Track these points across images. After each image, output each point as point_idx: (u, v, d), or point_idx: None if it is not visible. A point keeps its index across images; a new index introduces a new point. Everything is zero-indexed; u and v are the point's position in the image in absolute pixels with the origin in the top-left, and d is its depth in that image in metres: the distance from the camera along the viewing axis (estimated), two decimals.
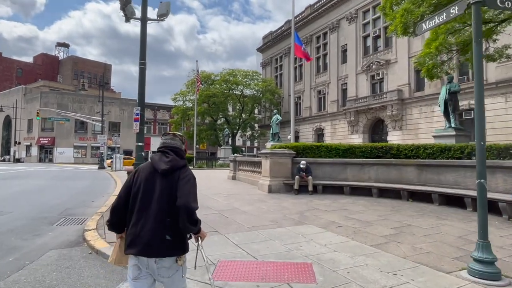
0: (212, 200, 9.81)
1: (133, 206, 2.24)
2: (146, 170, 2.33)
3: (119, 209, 2.29)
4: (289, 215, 7.49)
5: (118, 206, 2.30)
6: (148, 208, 2.18)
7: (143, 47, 10.09)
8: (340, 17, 35.22)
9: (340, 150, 11.79)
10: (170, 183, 2.22)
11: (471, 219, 7.00)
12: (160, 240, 2.12)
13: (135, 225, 2.17)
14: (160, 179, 2.24)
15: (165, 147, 2.39)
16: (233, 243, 5.16)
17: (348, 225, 6.43)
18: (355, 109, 31.79)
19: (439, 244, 5.14)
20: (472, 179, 8.53)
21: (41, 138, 50.30)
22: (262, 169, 12.31)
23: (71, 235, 5.93)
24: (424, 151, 10.05)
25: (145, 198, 2.22)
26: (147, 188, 2.24)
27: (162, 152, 2.37)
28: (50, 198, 10.45)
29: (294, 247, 4.98)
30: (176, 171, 2.26)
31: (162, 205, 2.17)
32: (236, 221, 6.76)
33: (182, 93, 45.17)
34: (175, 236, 2.16)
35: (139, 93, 10.10)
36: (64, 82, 75.93)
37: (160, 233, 2.13)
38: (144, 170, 2.34)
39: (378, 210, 8.06)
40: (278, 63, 46.85)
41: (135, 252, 2.14)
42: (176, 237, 2.17)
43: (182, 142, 2.49)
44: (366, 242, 5.26)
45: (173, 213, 2.15)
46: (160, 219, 2.15)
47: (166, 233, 2.14)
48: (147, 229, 2.13)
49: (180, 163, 2.31)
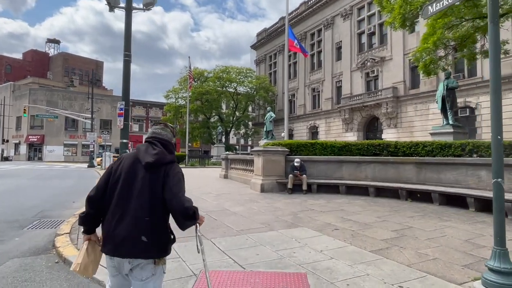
0: (201, 200, 9.28)
1: (110, 198, 2.02)
2: (129, 159, 2.10)
3: (96, 200, 2.04)
4: (281, 216, 6.99)
5: (96, 196, 2.05)
6: (126, 204, 1.97)
7: (128, 38, 9.49)
8: (335, 13, 34.81)
9: (335, 147, 11.33)
10: (154, 179, 2.00)
11: (475, 220, 6.59)
12: (135, 240, 1.91)
13: (110, 221, 1.97)
14: (143, 172, 2.02)
15: (153, 138, 2.17)
16: (219, 250, 4.65)
17: (345, 228, 5.95)
18: (349, 107, 31.44)
19: (445, 249, 4.69)
20: (473, 177, 8.14)
21: (30, 136, 49.20)
22: (255, 167, 11.81)
23: (41, 241, 5.36)
24: (423, 149, 9.63)
25: (124, 192, 2.00)
26: (127, 181, 2.02)
27: (150, 142, 2.15)
28: (28, 199, 9.81)
29: (287, 253, 4.49)
30: (162, 166, 2.04)
31: (142, 202, 1.95)
32: (224, 224, 6.25)
33: (175, 90, 44.45)
34: (152, 238, 1.94)
35: (123, 87, 9.52)
36: (55, 79, 74.45)
37: (135, 232, 1.92)
38: (127, 160, 2.11)
39: (376, 211, 7.61)
40: (272, 60, 46.34)
41: (107, 251, 1.97)
42: (154, 239, 1.95)
43: (173, 135, 2.30)
44: (366, 247, 4.79)
45: (153, 212, 1.96)
46: (137, 217, 1.93)
47: (143, 233, 1.92)
48: (122, 227, 1.93)
49: (167, 158, 2.08)
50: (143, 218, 1.94)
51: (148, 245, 1.93)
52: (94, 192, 2.08)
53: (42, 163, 41.87)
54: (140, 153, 2.10)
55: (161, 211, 2.00)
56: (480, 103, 22.03)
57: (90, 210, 2.06)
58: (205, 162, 34.16)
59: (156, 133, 2.21)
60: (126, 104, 9.41)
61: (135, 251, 1.92)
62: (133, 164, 2.07)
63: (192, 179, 16.66)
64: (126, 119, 9.35)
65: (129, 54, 9.43)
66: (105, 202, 2.04)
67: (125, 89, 9.44)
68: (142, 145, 2.18)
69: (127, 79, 9.45)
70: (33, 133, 49.44)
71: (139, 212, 1.95)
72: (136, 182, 2.01)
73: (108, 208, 2.02)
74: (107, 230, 1.98)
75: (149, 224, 1.94)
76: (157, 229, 1.97)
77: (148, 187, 1.99)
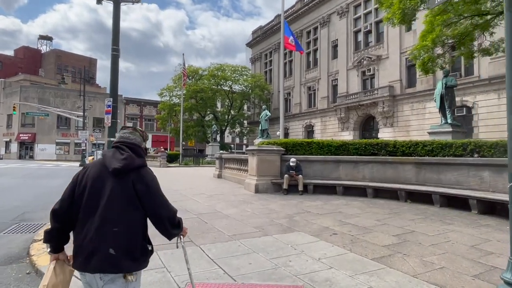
0: (192, 201, 8.89)
1: (77, 210, 1.89)
2: (95, 167, 1.97)
3: (62, 214, 1.90)
4: (276, 219, 6.64)
5: (61, 209, 1.90)
6: (93, 214, 1.84)
7: (116, 31, 9.07)
8: (331, 11, 34.50)
9: (332, 147, 10.99)
10: (122, 186, 1.88)
11: (479, 224, 6.29)
12: (102, 253, 1.78)
13: (79, 234, 1.85)
14: (111, 180, 1.89)
15: (120, 143, 2.05)
16: (209, 258, 4.28)
17: (344, 232, 5.61)
18: (345, 106, 31.19)
19: (452, 257, 4.37)
20: (475, 178, 7.85)
21: (21, 134, 48.27)
22: (249, 167, 11.44)
23: (15, 247, 4.95)
24: (422, 148, 9.33)
25: (91, 202, 1.86)
26: (94, 190, 1.88)
27: (117, 147, 2.02)
28: (11, 200, 9.34)
29: (282, 262, 4.13)
30: (132, 171, 1.92)
31: (110, 212, 1.83)
32: (215, 228, 5.87)
33: (169, 88, 43.86)
34: (121, 250, 1.81)
35: (111, 83, 9.10)
36: (47, 76, 73.26)
37: (103, 245, 1.79)
38: (93, 168, 1.98)
39: (375, 213, 7.28)
40: (268, 58, 45.96)
41: (77, 266, 1.85)
42: (124, 251, 1.81)
43: (143, 139, 2.16)
44: (367, 254, 4.45)
45: (123, 222, 1.83)
46: (105, 228, 1.81)
47: (110, 245, 1.79)
48: (90, 239, 1.80)
49: (136, 162, 1.96)
50: (111, 229, 1.81)
51: (117, 258, 1.79)
52: (59, 205, 1.93)
53: (33, 161, 41.08)
54: (107, 159, 1.96)
55: (133, 221, 1.87)
56: (477, 102, 21.87)
57: (55, 224, 1.91)
58: (200, 161, 33.69)
59: (123, 138, 2.08)
60: (114, 101, 8.99)
61: (104, 265, 1.79)
62: (99, 171, 1.93)
63: (185, 179, 16.26)
64: (114, 117, 8.94)
65: (117, 48, 9.01)
66: (73, 214, 1.90)
67: (113, 85, 9.03)
68: (109, 150, 2.07)
69: (115, 74, 9.04)
70: (24, 131, 48.52)
71: (107, 222, 1.82)
72: (104, 190, 1.87)
73: (76, 221, 1.89)
74: (77, 243, 1.86)
75: (117, 235, 1.81)
76: (127, 241, 1.84)
77: (117, 195, 1.86)
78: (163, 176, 17.97)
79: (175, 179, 16.01)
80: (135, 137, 2.11)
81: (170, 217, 1.99)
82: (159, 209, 1.94)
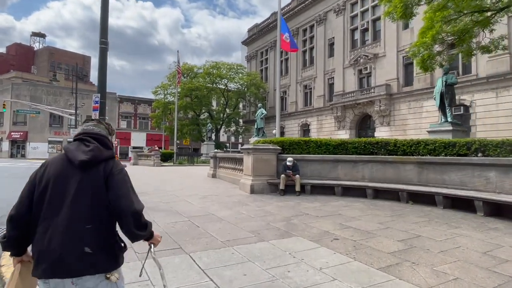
0: (185, 203, 8.47)
1: (38, 212, 1.70)
2: (57, 163, 1.80)
3: (20, 218, 1.71)
4: (273, 223, 6.24)
5: (19, 214, 1.71)
6: (58, 214, 1.67)
7: (104, 23, 8.57)
8: (328, 9, 34.18)
9: (330, 145, 10.63)
10: (91, 179, 1.74)
11: (487, 227, 5.95)
12: (77, 254, 1.63)
13: (42, 238, 1.66)
14: (77, 174, 1.73)
15: (84, 134, 1.88)
16: (199, 268, 3.87)
17: (345, 237, 5.23)
18: (342, 104, 30.90)
19: (465, 266, 4.01)
20: (481, 179, 7.52)
21: (13, 132, 47.41)
22: (244, 166, 11.03)
23: None
24: (424, 147, 8.99)
25: (54, 201, 1.70)
26: (57, 187, 1.72)
27: (80, 140, 1.85)
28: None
29: (280, 272, 3.74)
30: (100, 163, 1.78)
31: (80, 208, 1.68)
32: (208, 233, 5.46)
33: (163, 86, 43.26)
34: (98, 247, 1.67)
35: (99, 78, 8.62)
36: (40, 74, 72.18)
37: (76, 244, 1.64)
38: (54, 164, 1.80)
39: (377, 216, 6.92)
40: (264, 56, 45.54)
41: (41, 274, 1.64)
42: (101, 248, 1.68)
43: (109, 132, 2.00)
44: (373, 263, 4.07)
45: (96, 218, 1.70)
46: (75, 227, 1.65)
47: (85, 244, 1.65)
48: (58, 241, 1.63)
49: (104, 154, 1.82)
50: (83, 226, 1.66)
51: (95, 256, 1.65)
52: (16, 209, 1.72)
53: (24, 160, 40.29)
54: (70, 152, 1.78)
55: (105, 216, 1.72)
56: (475, 101, 21.67)
57: (13, 232, 1.71)
58: (194, 160, 33.23)
59: (87, 130, 1.91)
60: (102, 97, 8.53)
61: (80, 267, 1.62)
62: (62, 167, 1.76)
63: (179, 179, 15.82)
64: (101, 113, 8.47)
65: (105, 42, 8.53)
66: (33, 218, 1.71)
67: (101, 80, 8.56)
68: (71, 144, 1.86)
69: (103, 68, 8.56)
70: (16, 129, 47.67)
71: (78, 220, 1.66)
72: (69, 186, 1.71)
73: (36, 224, 1.70)
74: (39, 249, 1.66)
75: (92, 232, 1.67)
76: (103, 237, 1.70)
77: (85, 190, 1.70)
78: (156, 176, 17.50)
79: (168, 179, 15.56)
80: (100, 129, 1.95)
81: (134, 213, 1.72)
82: (123, 201, 1.72)
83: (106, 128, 2.00)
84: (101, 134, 1.91)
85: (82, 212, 1.68)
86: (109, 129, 2.03)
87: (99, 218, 1.70)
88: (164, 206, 7.97)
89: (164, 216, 6.73)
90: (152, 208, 7.50)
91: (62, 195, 1.70)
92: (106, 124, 2.03)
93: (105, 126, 2.01)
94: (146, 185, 12.53)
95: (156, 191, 10.75)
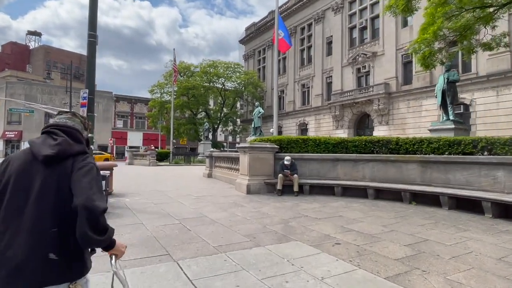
0: (178, 204, 8.07)
1: None
2: (20, 159, 1.59)
3: None
4: (270, 225, 5.86)
5: None
6: (20, 215, 1.47)
7: (93, 16, 8.17)
8: (326, 7, 33.82)
9: (330, 144, 10.26)
10: (58, 176, 1.52)
11: (497, 230, 5.60)
12: (40, 261, 1.43)
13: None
14: (42, 171, 1.52)
15: (52, 127, 1.67)
16: (187, 278, 3.48)
17: (348, 241, 4.86)
18: (340, 103, 30.55)
19: (480, 274, 3.64)
20: (488, 178, 7.17)
21: (7, 131, 46.81)
22: (240, 166, 10.64)
23: None
24: (428, 146, 8.64)
25: (15, 201, 1.49)
26: (18, 187, 1.51)
27: (48, 133, 1.65)
28: None
29: (277, 283, 3.35)
30: (68, 158, 1.57)
31: (43, 208, 1.47)
32: (199, 237, 5.06)
33: (160, 85, 42.78)
34: (64, 254, 1.47)
35: (87, 73, 8.23)
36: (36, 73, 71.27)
37: (39, 250, 1.43)
38: (17, 159, 1.59)
39: (379, 217, 6.55)
40: (261, 55, 45.13)
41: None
42: (67, 255, 1.48)
43: (84, 127, 1.79)
44: (379, 271, 3.70)
45: (62, 220, 1.48)
46: (39, 230, 1.45)
47: (50, 249, 1.44)
48: (18, 245, 1.42)
49: (74, 148, 1.61)
50: (48, 230, 1.48)
51: (60, 264, 1.47)
52: None
53: None
54: (35, 146, 1.60)
55: (74, 218, 1.48)
56: (475, 99, 21.38)
57: None
58: (191, 160, 32.82)
59: (58, 122, 1.71)
60: (91, 93, 8.12)
61: (43, 276, 1.44)
62: (25, 163, 1.57)
63: (174, 178, 15.41)
64: (90, 110, 8.07)
65: (94, 35, 8.13)
66: None
67: (90, 75, 8.17)
68: (37, 138, 1.68)
69: (92, 63, 8.17)
70: (10, 128, 47.06)
71: (41, 222, 1.48)
72: (33, 185, 1.52)
73: None
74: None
75: (57, 236, 1.48)
76: (70, 242, 1.50)
77: (51, 189, 1.51)
78: (151, 176, 17.08)
79: (163, 179, 15.15)
80: (74, 123, 1.74)
81: (90, 210, 1.44)
82: (78, 195, 1.46)
83: (82, 122, 1.80)
84: (71, 127, 1.71)
85: (47, 212, 1.49)
86: (85, 123, 1.83)
87: (65, 220, 1.50)
88: (154, 207, 7.56)
89: (154, 218, 6.33)
90: (141, 210, 7.10)
91: (24, 195, 1.52)
92: (81, 118, 1.82)
93: (80, 120, 1.80)
94: (138, 185, 12.12)
95: (148, 192, 10.35)
